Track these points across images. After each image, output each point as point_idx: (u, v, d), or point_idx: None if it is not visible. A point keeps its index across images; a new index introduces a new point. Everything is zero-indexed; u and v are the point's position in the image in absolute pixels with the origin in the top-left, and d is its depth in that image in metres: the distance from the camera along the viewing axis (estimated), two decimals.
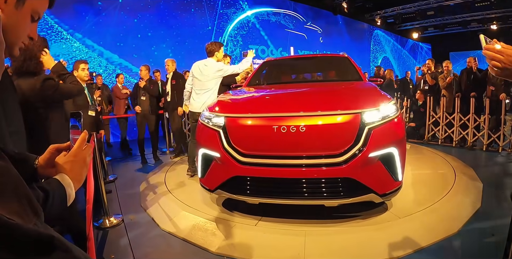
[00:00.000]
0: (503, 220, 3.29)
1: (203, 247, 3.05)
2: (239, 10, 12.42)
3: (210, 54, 5.02)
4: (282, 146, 3.08)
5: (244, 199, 3.30)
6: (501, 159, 6.10)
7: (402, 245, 2.89)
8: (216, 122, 3.48)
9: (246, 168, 3.16)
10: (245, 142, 3.24)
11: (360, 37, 18.58)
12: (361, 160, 2.94)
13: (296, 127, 3.00)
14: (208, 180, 3.55)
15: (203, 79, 4.96)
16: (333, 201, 3.06)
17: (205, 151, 3.49)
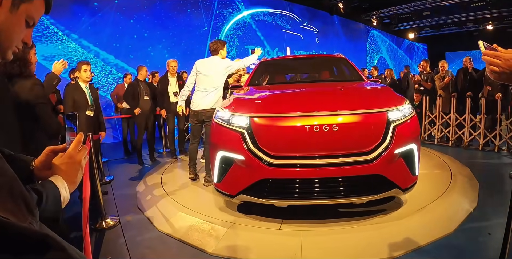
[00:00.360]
0: (499, 219, 3.30)
1: (200, 248, 3.04)
2: (235, 10, 12.42)
3: (215, 52, 4.80)
4: (314, 145, 3.04)
5: (272, 203, 3.18)
6: (497, 159, 6.11)
7: (398, 245, 2.89)
8: (238, 122, 3.30)
9: (275, 170, 3.05)
10: (273, 143, 3.11)
11: (356, 38, 18.61)
12: (388, 156, 3.04)
13: (329, 126, 3.00)
14: (227, 185, 3.37)
15: (213, 76, 4.69)
16: (362, 198, 3.11)
17: (225, 154, 3.30)
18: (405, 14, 17.34)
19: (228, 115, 3.42)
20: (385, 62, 20.42)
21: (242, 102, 3.67)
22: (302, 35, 15.17)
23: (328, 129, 2.99)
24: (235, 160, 3.23)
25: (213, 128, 3.61)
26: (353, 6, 16.63)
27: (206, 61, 4.83)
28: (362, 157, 3.01)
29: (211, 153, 3.55)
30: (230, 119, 3.38)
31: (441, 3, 15.38)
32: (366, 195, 3.09)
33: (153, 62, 9.60)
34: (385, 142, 3.06)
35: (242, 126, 3.24)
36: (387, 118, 3.15)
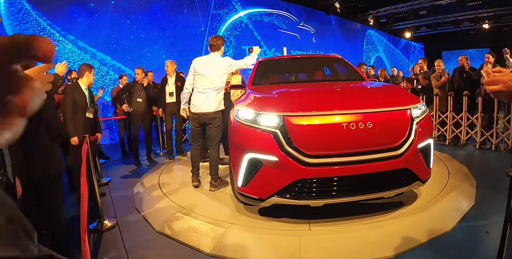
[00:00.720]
0: (497, 218, 3.31)
1: (198, 249, 3.04)
2: (232, 10, 12.41)
3: (216, 48, 4.47)
4: (350, 143, 3.06)
5: (307, 203, 3.15)
6: (494, 157, 6.13)
7: (396, 243, 2.90)
8: (268, 122, 3.17)
9: (313, 170, 3.01)
10: (310, 142, 3.05)
11: (353, 37, 18.63)
12: (413, 151, 3.18)
13: (364, 123, 3.04)
14: (254, 189, 3.24)
15: (210, 76, 4.37)
16: (392, 192, 3.22)
17: (254, 156, 3.15)
18: (401, 14, 17.37)
19: (254, 114, 3.28)
20: (382, 62, 20.44)
21: (268, 101, 3.55)
22: (299, 35, 15.17)
23: (363, 126, 3.03)
24: (265, 161, 3.12)
25: (235, 128, 3.46)
26: (349, 5, 16.64)
27: (204, 59, 4.52)
28: (392, 152, 3.12)
29: (235, 155, 3.41)
30: (257, 118, 3.24)
31: (437, 3, 15.41)
32: (394, 188, 3.22)
33: (150, 63, 9.58)
34: (410, 138, 3.20)
35: (274, 125, 3.12)
36: (411, 115, 3.29)
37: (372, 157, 3.06)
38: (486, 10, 15.75)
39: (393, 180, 3.23)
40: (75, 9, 8.66)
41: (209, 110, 4.38)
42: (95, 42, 8.98)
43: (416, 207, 3.59)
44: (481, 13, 16.27)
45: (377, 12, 17.56)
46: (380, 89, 4.09)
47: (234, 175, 3.44)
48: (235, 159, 3.40)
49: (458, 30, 19.12)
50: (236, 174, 3.38)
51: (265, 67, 5.41)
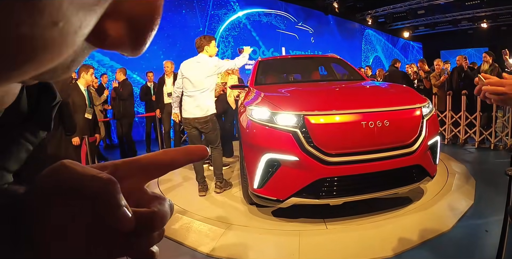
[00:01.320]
0: (496, 217, 3.31)
1: (197, 249, 3.03)
2: (230, 11, 12.39)
3: (200, 49, 4.32)
4: (368, 141, 3.12)
5: (327, 202, 3.16)
6: (493, 156, 6.13)
7: (395, 243, 2.89)
8: (286, 121, 3.13)
9: (333, 168, 3.03)
10: (331, 141, 3.07)
11: (351, 37, 18.62)
12: (424, 148, 3.30)
13: (381, 121, 3.10)
14: (272, 190, 3.19)
15: (196, 78, 4.23)
16: (406, 188, 3.34)
17: (273, 156, 3.10)
18: (400, 13, 17.36)
19: (270, 113, 3.23)
20: (380, 61, 20.45)
21: (285, 100, 3.51)
22: (297, 35, 15.16)
23: (380, 124, 3.09)
24: (283, 162, 3.08)
25: (250, 128, 3.39)
26: (347, 5, 16.63)
27: (190, 62, 4.37)
28: (406, 149, 3.20)
29: (250, 156, 3.34)
30: (273, 117, 3.19)
31: (435, 2, 15.42)
32: (408, 184, 3.32)
33: (148, 64, 9.56)
34: (421, 135, 3.31)
35: (293, 125, 3.10)
36: (422, 113, 3.39)
37: (388, 154, 3.14)
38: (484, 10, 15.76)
39: (406, 176, 3.33)
40: None
41: (197, 115, 4.23)
42: None
43: (415, 206, 3.60)
44: (479, 12, 16.27)
45: (375, 11, 17.56)
46: (391, 89, 4.14)
47: (249, 177, 3.36)
48: (250, 160, 3.33)
49: (457, 30, 19.13)
50: (251, 176, 3.30)
51: (267, 67, 5.38)
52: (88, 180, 0.29)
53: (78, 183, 0.29)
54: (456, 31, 19.32)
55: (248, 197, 3.68)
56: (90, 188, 0.29)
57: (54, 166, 0.30)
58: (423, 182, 3.43)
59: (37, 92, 0.39)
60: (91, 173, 0.29)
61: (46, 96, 0.40)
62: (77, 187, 0.29)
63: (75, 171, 0.29)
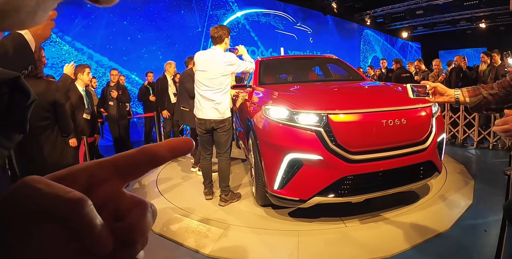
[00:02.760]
0: (495, 216, 3.32)
1: (197, 250, 3.03)
2: (229, 11, 12.40)
3: (219, 40, 3.86)
4: (387, 138, 3.20)
5: (349, 200, 3.18)
6: (491, 156, 6.14)
7: (394, 243, 2.90)
8: (309, 120, 3.12)
9: (356, 166, 3.06)
10: (353, 139, 3.10)
11: (350, 37, 18.63)
12: (434, 144, 3.44)
13: (399, 120, 3.20)
14: (294, 190, 3.15)
15: (213, 72, 3.81)
16: (419, 183, 3.45)
17: (296, 156, 3.07)
18: (398, 13, 17.38)
19: (289, 112, 3.21)
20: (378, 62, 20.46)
21: (305, 99, 3.48)
22: (296, 35, 15.16)
23: (399, 122, 3.19)
24: (306, 161, 3.06)
25: (270, 128, 3.34)
26: (346, 5, 16.64)
27: (204, 55, 3.94)
28: (420, 146, 3.32)
29: (271, 156, 3.29)
30: (295, 117, 3.17)
31: (434, 2, 15.43)
32: (421, 180, 3.44)
33: (147, 64, 9.57)
34: (432, 132, 3.45)
35: (316, 124, 3.09)
36: (431, 111, 3.52)
37: (405, 151, 3.23)
38: (482, 10, 15.78)
39: (419, 172, 3.42)
40: (72, 10, 8.63)
41: (216, 117, 3.89)
42: (92, 43, 8.96)
43: (413, 206, 3.60)
44: (477, 12, 16.29)
45: (374, 12, 17.56)
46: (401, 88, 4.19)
47: (268, 177, 3.32)
48: (270, 160, 3.30)
49: (455, 30, 19.15)
50: (271, 176, 3.26)
51: (268, 67, 5.36)
52: (54, 201, 0.26)
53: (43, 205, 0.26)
54: (455, 31, 19.34)
55: (262, 199, 3.63)
56: (58, 210, 0.26)
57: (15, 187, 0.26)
58: (433, 177, 3.55)
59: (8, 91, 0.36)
60: (57, 193, 0.26)
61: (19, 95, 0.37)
62: (42, 210, 0.26)
63: (39, 191, 0.26)
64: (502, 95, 1.77)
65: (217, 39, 3.86)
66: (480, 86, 1.86)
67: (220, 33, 3.85)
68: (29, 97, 0.38)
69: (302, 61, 6.08)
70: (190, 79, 5.04)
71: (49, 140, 2.92)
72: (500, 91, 1.78)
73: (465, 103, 1.88)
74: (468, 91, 1.87)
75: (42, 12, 0.25)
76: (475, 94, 1.85)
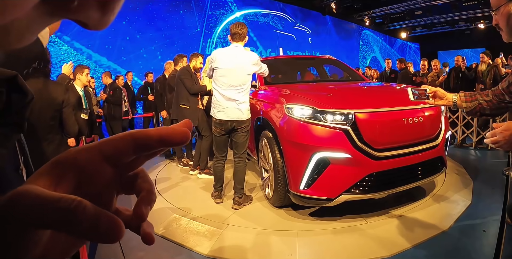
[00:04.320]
0: (493, 217, 3.32)
1: (196, 250, 3.03)
2: (228, 11, 12.41)
3: (240, 38, 3.78)
4: (407, 136, 3.34)
5: (372, 197, 3.24)
6: (490, 156, 6.15)
7: (393, 243, 2.90)
8: (337, 119, 3.14)
9: (381, 163, 3.14)
10: (378, 137, 3.17)
11: (349, 38, 18.66)
12: (443, 141, 3.65)
13: (417, 118, 3.34)
14: (321, 189, 3.14)
15: (239, 70, 3.66)
16: (431, 177, 3.60)
17: (324, 155, 3.07)
18: (397, 14, 17.40)
19: (315, 111, 3.21)
20: (377, 62, 20.48)
21: (327, 98, 3.51)
22: (294, 36, 15.19)
23: (417, 120, 3.33)
24: (333, 160, 3.08)
25: (292, 127, 3.32)
26: (345, 6, 16.65)
27: (227, 51, 3.79)
28: (433, 142, 3.50)
29: (296, 156, 3.26)
30: (321, 116, 3.17)
31: (433, 3, 15.46)
32: (433, 174, 3.58)
33: (146, 64, 9.58)
34: (442, 129, 3.65)
35: (343, 122, 3.12)
36: (441, 110, 3.74)
37: (422, 147, 3.38)
38: (481, 10, 15.79)
39: (432, 167, 3.59)
40: None
41: (241, 118, 3.74)
42: (91, 43, 8.97)
43: (412, 207, 3.60)
44: (476, 13, 16.32)
45: (372, 12, 17.59)
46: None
47: (293, 177, 3.28)
48: (295, 160, 3.27)
49: (454, 30, 19.18)
50: (296, 176, 3.23)
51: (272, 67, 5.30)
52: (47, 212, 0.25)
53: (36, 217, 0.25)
54: (454, 31, 19.38)
55: (280, 201, 3.57)
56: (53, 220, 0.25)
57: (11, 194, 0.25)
58: (442, 172, 3.74)
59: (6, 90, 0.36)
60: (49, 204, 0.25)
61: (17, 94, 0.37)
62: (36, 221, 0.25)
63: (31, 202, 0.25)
64: (495, 102, 1.86)
65: (240, 35, 3.78)
66: (477, 93, 1.96)
67: (244, 30, 3.80)
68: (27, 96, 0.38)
69: (305, 62, 6.15)
70: (189, 75, 5.01)
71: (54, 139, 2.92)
72: (493, 98, 1.87)
73: (462, 107, 1.98)
74: (465, 96, 1.97)
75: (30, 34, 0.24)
76: (471, 100, 1.94)
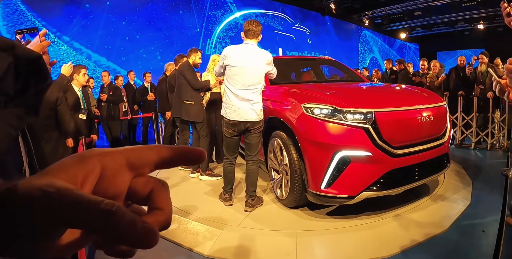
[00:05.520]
0: (493, 217, 3.33)
1: (195, 250, 3.03)
2: (227, 11, 12.40)
3: (255, 35, 3.65)
4: (421, 133, 3.48)
5: (390, 193, 3.31)
6: (489, 156, 6.15)
7: (393, 243, 2.90)
8: (358, 118, 3.19)
9: (399, 160, 3.24)
10: (396, 135, 3.27)
11: (348, 38, 18.65)
12: (449, 138, 3.83)
13: (429, 116, 3.46)
14: (342, 187, 3.18)
15: (256, 68, 3.58)
16: (440, 173, 3.78)
17: (346, 154, 3.11)
18: (396, 15, 17.38)
19: (335, 111, 3.24)
20: (377, 62, 20.47)
21: (348, 98, 3.56)
22: (294, 36, 15.17)
23: (428, 119, 3.45)
24: (354, 158, 3.13)
25: (313, 126, 3.32)
26: (344, 6, 16.63)
27: (241, 48, 3.64)
28: (441, 140, 3.65)
29: (319, 155, 3.25)
30: (341, 115, 3.22)
31: (432, 3, 15.45)
32: (441, 170, 3.76)
33: (145, 64, 9.57)
34: (448, 128, 3.82)
35: (363, 121, 3.18)
36: (446, 109, 3.92)
37: (433, 144, 3.52)
38: (481, 11, 15.81)
39: (440, 164, 3.74)
40: (70, 10, 8.63)
41: (251, 119, 3.63)
42: (91, 43, 8.95)
43: (412, 207, 3.60)
44: (476, 13, 16.32)
45: (372, 13, 17.58)
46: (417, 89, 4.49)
47: (314, 177, 3.28)
48: (316, 160, 3.28)
49: (453, 31, 19.17)
50: (317, 176, 3.24)
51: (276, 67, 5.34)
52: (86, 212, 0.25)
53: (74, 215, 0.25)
54: (453, 32, 19.37)
55: (296, 201, 3.56)
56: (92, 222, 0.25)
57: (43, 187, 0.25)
58: (447, 168, 3.89)
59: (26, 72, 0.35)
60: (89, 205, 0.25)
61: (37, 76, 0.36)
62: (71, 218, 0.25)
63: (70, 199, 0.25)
64: None
65: (255, 32, 3.63)
66: None
67: (259, 28, 3.66)
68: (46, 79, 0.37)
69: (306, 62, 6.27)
70: (191, 70, 4.91)
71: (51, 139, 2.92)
72: None
73: None
74: None
75: None
76: None
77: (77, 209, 0.25)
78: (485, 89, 6.81)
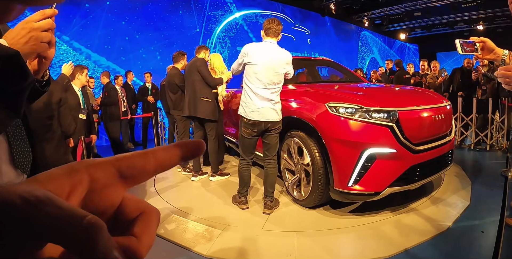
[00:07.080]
0: (492, 217, 3.33)
1: (194, 251, 3.02)
2: (227, 12, 12.40)
3: (275, 34, 3.59)
4: (435, 131, 3.66)
5: (409, 188, 3.42)
6: (488, 157, 6.15)
7: (392, 244, 2.90)
8: (383, 117, 3.30)
9: (419, 156, 3.38)
10: (415, 132, 3.42)
11: (348, 39, 18.65)
12: (454, 136, 4.05)
13: (440, 115, 3.68)
14: (368, 184, 3.24)
15: (277, 67, 3.50)
16: (447, 169, 3.95)
17: (373, 151, 3.21)
18: (396, 15, 17.40)
19: (360, 109, 3.32)
20: (376, 63, 20.49)
21: (372, 97, 3.72)
22: (294, 36, 15.17)
23: (441, 117, 3.67)
24: (380, 155, 3.23)
25: (339, 125, 3.35)
26: (344, 7, 16.64)
27: (262, 46, 3.55)
28: (449, 137, 3.88)
29: (346, 153, 3.29)
30: (367, 114, 3.30)
31: (432, 4, 15.46)
32: (448, 166, 3.96)
33: (145, 64, 9.57)
34: (453, 126, 4.07)
35: (387, 119, 3.31)
36: (451, 108, 4.12)
37: (443, 141, 3.72)
38: (480, 12, 15.82)
39: (447, 159, 3.93)
40: (70, 10, 8.62)
41: (272, 119, 3.56)
42: (90, 43, 8.95)
43: (411, 208, 3.61)
44: (475, 14, 16.34)
45: (372, 13, 17.59)
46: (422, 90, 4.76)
47: (340, 175, 3.32)
48: (343, 158, 3.32)
49: (453, 32, 19.19)
50: (344, 173, 3.29)
51: None
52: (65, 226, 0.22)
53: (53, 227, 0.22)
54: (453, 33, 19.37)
55: (317, 200, 3.56)
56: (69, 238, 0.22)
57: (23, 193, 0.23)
58: (452, 164, 4.10)
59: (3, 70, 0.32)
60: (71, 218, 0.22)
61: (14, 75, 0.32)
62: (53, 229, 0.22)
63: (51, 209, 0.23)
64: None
65: (276, 31, 3.56)
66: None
67: (280, 27, 3.58)
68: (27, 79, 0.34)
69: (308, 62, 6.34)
70: (207, 66, 4.84)
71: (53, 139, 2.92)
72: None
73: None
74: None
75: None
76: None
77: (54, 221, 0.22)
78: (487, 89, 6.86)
